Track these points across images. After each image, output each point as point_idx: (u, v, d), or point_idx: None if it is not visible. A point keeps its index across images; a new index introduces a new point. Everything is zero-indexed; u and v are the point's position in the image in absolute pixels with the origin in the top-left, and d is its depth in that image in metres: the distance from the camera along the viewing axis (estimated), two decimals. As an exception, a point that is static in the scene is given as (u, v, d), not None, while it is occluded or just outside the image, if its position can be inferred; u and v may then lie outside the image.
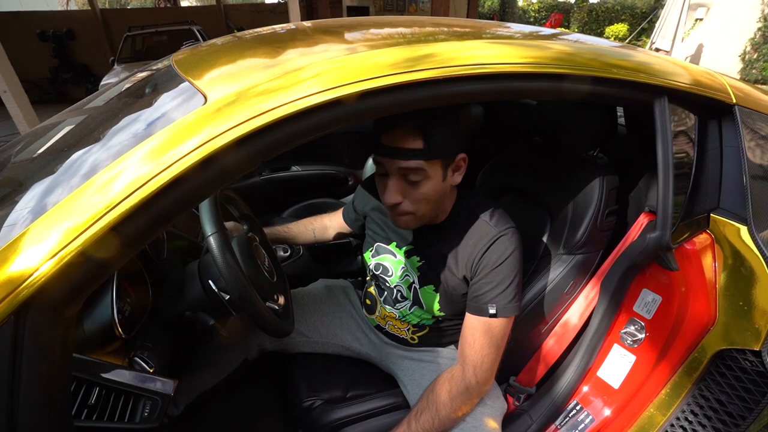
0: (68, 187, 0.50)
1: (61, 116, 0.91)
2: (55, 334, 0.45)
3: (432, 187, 0.78)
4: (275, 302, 0.91)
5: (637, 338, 0.96)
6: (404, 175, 0.77)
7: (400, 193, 0.79)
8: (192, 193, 0.50)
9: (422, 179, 0.77)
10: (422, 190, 0.78)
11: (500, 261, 0.82)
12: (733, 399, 0.88)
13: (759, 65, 7.55)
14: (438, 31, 0.85)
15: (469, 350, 0.83)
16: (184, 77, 0.65)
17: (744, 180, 0.87)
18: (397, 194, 0.78)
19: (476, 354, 0.83)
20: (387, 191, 0.79)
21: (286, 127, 0.52)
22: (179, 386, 1.02)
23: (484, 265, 0.83)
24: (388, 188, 0.78)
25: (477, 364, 0.82)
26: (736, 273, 0.87)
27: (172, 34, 6.52)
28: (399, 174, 0.77)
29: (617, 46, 0.91)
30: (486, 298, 0.83)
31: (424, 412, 0.83)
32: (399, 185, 0.78)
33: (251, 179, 1.82)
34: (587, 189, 0.97)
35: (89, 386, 0.56)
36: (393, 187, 0.78)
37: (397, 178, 0.78)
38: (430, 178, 0.77)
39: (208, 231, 0.76)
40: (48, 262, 0.43)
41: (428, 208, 0.83)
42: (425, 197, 0.79)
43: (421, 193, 0.79)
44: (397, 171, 0.77)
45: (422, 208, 0.81)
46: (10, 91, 3.38)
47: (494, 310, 0.81)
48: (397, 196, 0.79)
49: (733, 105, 0.87)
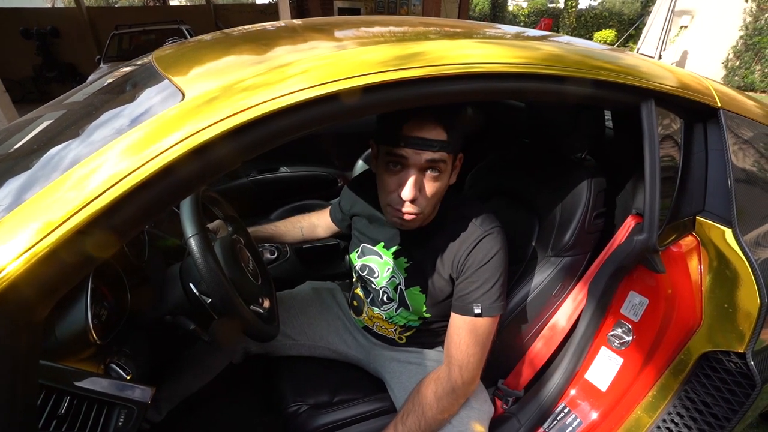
0: (41, 182, 0.48)
1: (38, 112, 0.88)
2: (20, 339, 0.42)
3: (444, 183, 0.77)
4: (260, 305, 0.89)
5: (625, 341, 0.96)
6: (423, 170, 0.74)
7: (419, 189, 0.75)
8: (172, 190, 0.48)
9: (440, 173, 0.75)
10: (438, 184, 0.76)
11: (485, 260, 0.82)
12: (718, 400, 0.89)
13: (741, 72, 7.74)
14: (428, 31, 0.84)
15: (455, 350, 0.82)
16: (163, 74, 0.63)
17: (729, 183, 0.87)
18: (416, 189, 0.74)
19: (462, 354, 0.82)
20: (407, 186, 0.73)
21: (271, 124, 0.51)
22: (162, 391, 1.00)
23: (470, 264, 0.82)
24: (409, 183, 0.73)
25: (463, 363, 0.81)
26: (721, 275, 0.88)
27: (161, 33, 6.44)
28: (419, 168, 0.74)
29: (605, 49, 0.92)
30: (471, 298, 0.82)
31: (411, 415, 0.82)
32: (419, 179, 0.75)
33: (238, 180, 1.80)
34: (575, 191, 0.97)
35: (59, 395, 0.54)
36: (415, 182, 0.74)
37: (418, 173, 0.74)
38: (446, 173, 0.76)
39: (189, 232, 0.74)
40: (16, 261, 0.41)
41: (434, 207, 0.81)
42: (437, 193, 0.77)
43: (436, 188, 0.76)
44: (420, 164, 0.73)
45: (431, 204, 0.79)
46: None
47: (479, 310, 0.81)
48: (416, 192, 0.74)
49: (718, 109, 0.88)
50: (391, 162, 0.75)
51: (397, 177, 0.75)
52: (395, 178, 0.76)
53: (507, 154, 1.20)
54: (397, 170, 0.75)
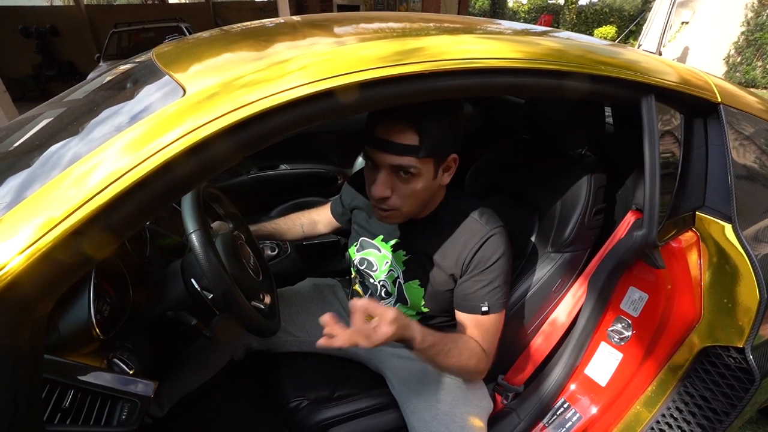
0: (42, 179, 0.48)
1: (38, 110, 0.88)
2: (23, 334, 0.43)
3: (422, 184, 0.78)
4: (261, 301, 0.89)
5: (624, 336, 0.96)
6: (395, 171, 0.76)
7: (389, 187, 0.77)
8: (172, 186, 0.49)
9: (413, 176, 0.76)
10: (412, 186, 0.77)
11: (492, 260, 0.83)
12: (717, 395, 0.89)
13: (742, 68, 7.71)
14: (428, 26, 0.84)
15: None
16: (164, 70, 0.64)
17: (729, 178, 0.87)
18: (386, 188, 0.77)
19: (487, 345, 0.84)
20: (376, 184, 0.77)
21: (270, 120, 0.51)
22: (164, 387, 1.01)
23: (476, 263, 0.83)
24: (378, 181, 0.77)
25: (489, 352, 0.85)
26: (721, 270, 0.88)
27: (160, 31, 6.42)
28: (390, 169, 0.76)
29: (606, 44, 0.92)
30: (478, 296, 0.83)
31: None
32: (389, 179, 0.77)
33: (238, 178, 1.80)
34: (575, 187, 0.97)
35: (63, 389, 0.54)
36: (382, 181, 0.77)
37: (387, 172, 0.76)
38: (421, 176, 0.76)
39: (190, 228, 0.74)
40: (17, 257, 0.41)
41: (414, 206, 0.82)
42: (414, 194, 0.78)
43: (410, 189, 0.78)
44: (388, 166, 0.76)
45: (408, 204, 0.80)
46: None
47: (486, 308, 0.83)
48: (385, 190, 0.77)
49: (719, 104, 0.88)
50: (369, 159, 0.78)
51: (371, 174, 0.79)
52: (370, 175, 0.79)
53: (506, 150, 1.21)
54: (372, 168, 0.79)
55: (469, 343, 0.83)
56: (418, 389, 0.92)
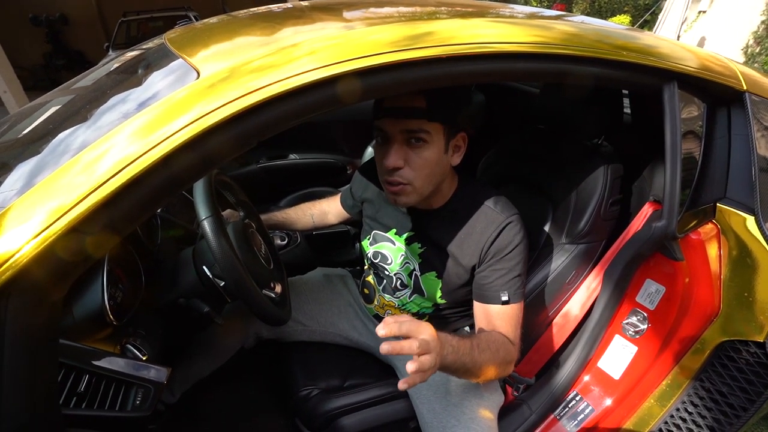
0: (53, 165, 0.47)
1: (48, 96, 0.88)
2: (39, 318, 0.43)
3: (434, 153, 0.76)
4: (272, 290, 0.89)
5: (639, 329, 0.95)
6: (407, 139, 0.75)
7: (401, 158, 0.76)
8: (184, 172, 0.48)
9: (424, 143, 0.75)
10: (424, 156, 0.76)
11: (510, 248, 0.82)
12: (735, 390, 0.87)
13: (761, 59, 7.47)
14: (439, 10, 0.82)
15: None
16: (178, 54, 0.63)
17: (752, 170, 0.85)
18: (399, 158, 0.75)
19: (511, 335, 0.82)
20: (388, 155, 0.75)
21: (280, 106, 0.50)
22: (175, 374, 1.02)
23: (494, 252, 0.82)
24: (390, 152, 0.75)
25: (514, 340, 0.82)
26: (742, 263, 0.86)
27: (168, 20, 6.42)
28: (401, 137, 0.75)
29: (624, 29, 0.89)
30: (497, 285, 0.82)
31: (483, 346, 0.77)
32: (401, 149, 0.76)
33: (248, 167, 1.79)
34: (591, 178, 0.95)
35: (79, 373, 0.55)
36: (395, 151, 0.75)
37: (399, 143, 0.75)
38: (432, 143, 0.76)
39: (203, 215, 0.74)
40: (31, 242, 0.41)
41: (427, 182, 0.79)
42: (426, 164, 0.77)
43: (422, 159, 0.76)
44: (399, 133, 0.75)
45: (421, 178, 0.78)
46: (2, 78, 3.32)
47: (506, 297, 0.81)
48: (398, 160, 0.75)
49: (744, 92, 0.85)
50: (379, 136, 0.78)
51: (383, 149, 0.77)
52: (381, 151, 0.78)
53: (520, 139, 1.18)
54: (383, 144, 0.78)
55: (493, 335, 0.81)
56: (429, 380, 0.92)
